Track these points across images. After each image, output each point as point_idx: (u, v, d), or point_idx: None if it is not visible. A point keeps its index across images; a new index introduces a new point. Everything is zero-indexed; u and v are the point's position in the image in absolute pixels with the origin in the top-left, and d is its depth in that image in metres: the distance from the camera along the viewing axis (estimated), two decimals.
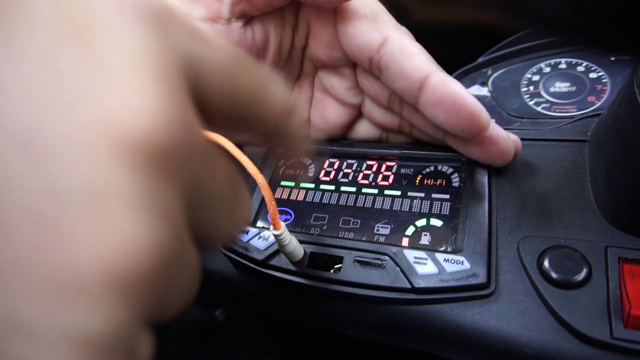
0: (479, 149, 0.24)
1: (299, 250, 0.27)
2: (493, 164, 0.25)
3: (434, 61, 0.24)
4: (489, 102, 0.35)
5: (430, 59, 0.24)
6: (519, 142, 0.26)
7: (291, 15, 0.27)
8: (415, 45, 0.24)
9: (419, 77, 0.23)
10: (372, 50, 0.24)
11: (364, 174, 0.31)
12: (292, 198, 0.31)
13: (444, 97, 0.22)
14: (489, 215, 0.26)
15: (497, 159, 0.24)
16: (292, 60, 0.30)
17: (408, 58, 0.23)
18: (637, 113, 0.22)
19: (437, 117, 0.23)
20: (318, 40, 0.27)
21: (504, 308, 0.24)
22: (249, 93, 0.14)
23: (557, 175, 0.28)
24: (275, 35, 0.27)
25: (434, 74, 0.23)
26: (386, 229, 0.27)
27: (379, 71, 0.25)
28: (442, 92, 0.22)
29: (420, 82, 0.23)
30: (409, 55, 0.23)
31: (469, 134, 0.23)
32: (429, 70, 0.23)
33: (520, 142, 0.27)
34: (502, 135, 0.24)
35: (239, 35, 0.26)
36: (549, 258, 0.24)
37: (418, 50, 0.24)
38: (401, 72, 0.23)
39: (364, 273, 0.26)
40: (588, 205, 0.26)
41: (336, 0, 0.23)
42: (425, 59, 0.23)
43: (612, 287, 0.22)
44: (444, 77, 0.23)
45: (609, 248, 0.24)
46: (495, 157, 0.24)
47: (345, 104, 0.30)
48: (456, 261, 0.24)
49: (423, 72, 0.23)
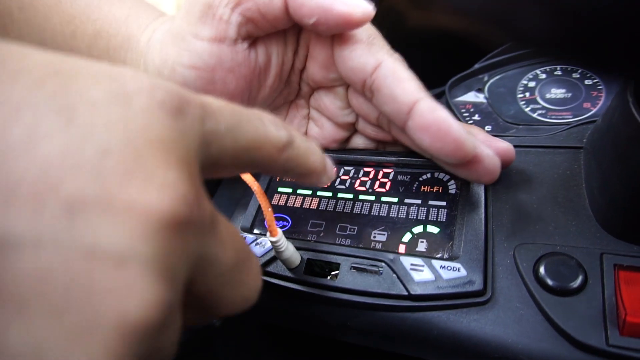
0: (465, 168, 0.25)
1: (296, 257, 0.27)
2: (479, 182, 0.25)
3: (423, 88, 0.24)
4: (485, 109, 0.35)
5: (420, 86, 0.24)
6: (511, 150, 0.26)
7: (293, 37, 0.28)
8: (407, 72, 0.25)
9: (408, 102, 0.24)
10: (366, 74, 0.25)
11: (361, 180, 0.31)
12: (289, 204, 0.31)
13: (430, 123, 0.23)
14: (485, 222, 0.26)
15: (483, 177, 0.25)
16: (291, 83, 0.31)
17: (399, 83, 0.24)
18: (630, 121, 0.22)
19: (423, 142, 0.24)
20: (315, 61, 0.28)
21: (501, 315, 0.24)
22: (252, 140, 0.17)
23: (553, 182, 0.28)
24: (277, 57, 0.28)
25: (422, 100, 0.23)
26: (383, 236, 0.27)
27: (371, 93, 0.26)
28: (428, 117, 0.23)
29: (409, 106, 0.23)
30: (400, 80, 0.24)
31: (453, 160, 0.23)
32: (418, 96, 0.24)
33: (513, 150, 0.27)
34: (488, 154, 0.24)
35: (243, 56, 0.26)
36: (544, 265, 0.24)
37: (409, 76, 0.24)
38: (391, 95, 0.24)
39: (361, 280, 0.26)
40: (584, 212, 0.26)
41: (335, 29, 0.24)
42: (415, 85, 0.24)
43: (608, 294, 0.22)
44: (432, 103, 0.23)
45: (605, 255, 0.24)
46: (481, 175, 0.25)
47: (340, 123, 0.31)
48: (452, 268, 0.24)
49: (412, 97, 0.24)
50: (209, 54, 0.26)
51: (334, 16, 0.24)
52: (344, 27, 0.24)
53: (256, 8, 0.25)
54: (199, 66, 0.26)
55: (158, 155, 0.12)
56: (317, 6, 0.23)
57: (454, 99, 0.37)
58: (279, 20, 0.25)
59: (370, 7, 0.24)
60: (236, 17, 0.25)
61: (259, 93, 0.29)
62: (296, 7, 0.24)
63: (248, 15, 0.25)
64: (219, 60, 0.26)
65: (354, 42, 0.25)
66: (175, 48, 0.26)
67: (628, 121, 0.22)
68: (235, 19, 0.25)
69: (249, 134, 0.17)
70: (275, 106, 0.32)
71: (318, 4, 0.24)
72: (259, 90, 0.29)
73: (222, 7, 0.25)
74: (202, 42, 0.25)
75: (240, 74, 0.27)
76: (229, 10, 0.25)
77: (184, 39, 0.26)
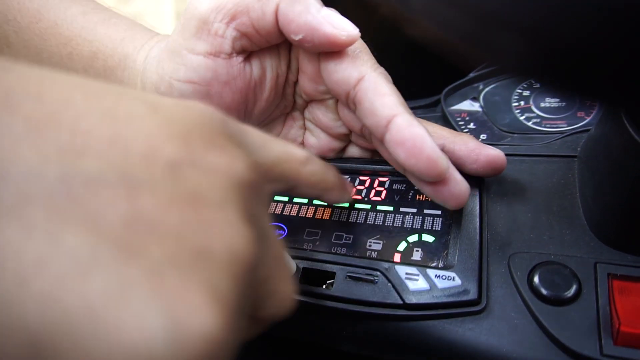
0: (433, 188, 0.25)
1: (292, 266, 0.27)
2: (445, 205, 0.25)
3: (404, 103, 0.25)
4: (480, 117, 0.35)
5: (400, 101, 0.25)
6: (502, 157, 0.26)
7: (285, 52, 0.29)
8: (388, 86, 0.25)
9: (387, 115, 0.24)
10: (349, 86, 0.26)
11: (357, 189, 0.31)
12: (285, 213, 0.31)
13: (406, 138, 0.23)
14: (480, 231, 0.26)
15: (449, 200, 0.24)
16: (286, 96, 0.31)
17: (380, 97, 0.24)
18: (622, 130, 0.22)
19: (398, 156, 0.24)
20: (305, 74, 0.29)
21: (495, 324, 0.24)
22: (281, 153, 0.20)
23: (548, 191, 0.28)
24: (271, 70, 0.29)
25: (401, 115, 0.24)
26: (378, 245, 0.27)
27: (354, 106, 0.26)
28: (404, 132, 0.23)
29: (388, 120, 0.24)
30: (381, 95, 0.25)
31: (425, 177, 0.24)
32: (397, 110, 0.24)
33: (504, 157, 0.26)
34: (456, 178, 0.24)
35: (238, 70, 0.27)
36: (539, 274, 0.24)
37: (390, 91, 0.25)
38: (372, 109, 0.25)
39: (356, 289, 0.26)
40: (578, 221, 0.26)
41: (320, 47, 0.25)
42: (395, 100, 0.24)
43: (602, 303, 0.22)
44: (410, 119, 0.24)
45: (599, 264, 0.24)
46: (446, 198, 0.25)
47: (334, 134, 0.32)
48: (447, 277, 0.24)
49: (391, 111, 0.24)
50: (205, 68, 0.26)
51: (320, 36, 0.24)
52: (328, 47, 0.25)
53: (250, 23, 0.25)
54: (196, 80, 0.26)
55: (222, 138, 0.16)
56: (305, 24, 0.24)
57: (450, 108, 0.37)
58: (271, 35, 0.26)
59: (356, 32, 0.25)
60: (231, 32, 0.26)
61: (255, 106, 0.29)
62: (285, 23, 0.25)
63: (242, 30, 0.26)
64: (215, 74, 0.26)
65: (339, 55, 0.26)
66: (171, 63, 0.27)
67: (620, 131, 0.22)
68: (230, 33, 0.26)
69: (277, 148, 0.20)
70: (272, 118, 0.32)
71: (306, 22, 0.24)
72: (254, 103, 0.29)
73: (217, 22, 0.25)
74: (198, 56, 0.26)
75: (236, 87, 0.27)
76: (224, 25, 0.25)
77: (180, 54, 0.26)
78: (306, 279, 0.27)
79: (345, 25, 0.25)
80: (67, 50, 0.31)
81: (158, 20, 1.97)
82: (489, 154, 0.26)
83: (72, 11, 0.31)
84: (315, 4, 0.25)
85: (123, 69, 0.30)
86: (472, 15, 0.09)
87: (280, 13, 0.25)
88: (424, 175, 0.24)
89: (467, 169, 0.27)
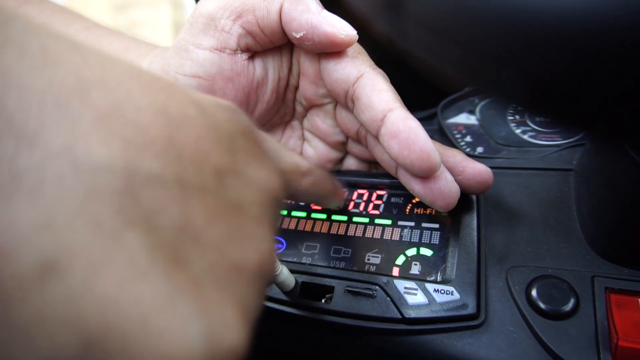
0: (421, 183, 0.25)
1: (291, 280, 0.27)
2: (434, 206, 0.25)
3: (400, 100, 0.26)
4: (477, 130, 0.36)
5: (396, 97, 0.26)
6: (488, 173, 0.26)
7: (287, 54, 0.30)
8: (386, 84, 0.26)
9: (383, 109, 0.25)
10: (348, 84, 0.27)
11: (355, 202, 0.31)
12: (283, 226, 0.31)
13: (400, 130, 0.24)
14: (478, 244, 0.26)
15: (437, 199, 0.25)
16: (286, 101, 0.32)
17: (377, 92, 0.25)
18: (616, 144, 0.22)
19: (392, 149, 0.24)
20: (305, 77, 0.30)
21: (494, 339, 0.24)
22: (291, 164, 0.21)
23: (544, 204, 0.28)
24: (273, 72, 0.30)
25: (396, 109, 0.25)
26: (377, 259, 0.28)
27: (352, 103, 0.27)
28: (399, 125, 0.24)
29: (383, 114, 0.25)
30: (378, 91, 0.25)
31: (417, 171, 0.24)
32: (393, 105, 0.25)
33: (490, 173, 0.26)
34: (447, 177, 0.25)
35: (242, 67, 0.28)
36: (537, 288, 0.24)
37: (387, 88, 0.26)
38: (369, 103, 0.25)
39: (355, 303, 0.26)
40: (574, 234, 0.26)
41: (319, 46, 0.26)
42: (392, 96, 0.25)
43: (600, 317, 0.22)
44: (405, 113, 0.25)
45: (596, 278, 0.24)
46: (435, 197, 0.25)
47: (331, 142, 0.32)
48: (446, 291, 0.25)
49: (387, 105, 0.25)
50: (210, 63, 0.27)
51: (320, 35, 0.25)
52: (328, 46, 0.26)
53: (255, 21, 0.27)
54: (200, 74, 0.27)
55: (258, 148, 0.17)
56: (306, 22, 0.25)
57: (446, 121, 0.37)
58: (275, 35, 0.27)
59: (354, 32, 0.26)
60: (237, 29, 0.27)
61: (256, 107, 0.30)
62: (287, 21, 0.26)
63: (248, 27, 0.27)
64: (219, 69, 0.27)
65: (339, 55, 0.27)
66: (177, 58, 0.28)
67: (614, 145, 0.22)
68: (236, 30, 0.27)
69: (288, 159, 0.21)
70: (272, 125, 0.33)
71: (307, 20, 0.25)
72: (256, 104, 0.30)
73: (224, 19, 0.27)
74: (204, 51, 0.27)
75: (239, 84, 0.28)
76: (231, 22, 0.27)
77: (187, 49, 0.27)
78: (305, 293, 0.27)
79: (344, 25, 0.26)
80: None
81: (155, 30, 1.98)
82: (475, 167, 0.26)
83: (75, 27, 0.32)
84: (317, 6, 0.26)
85: None
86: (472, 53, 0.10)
87: (284, 12, 0.26)
88: (416, 168, 0.24)
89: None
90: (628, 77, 0.08)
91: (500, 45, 0.09)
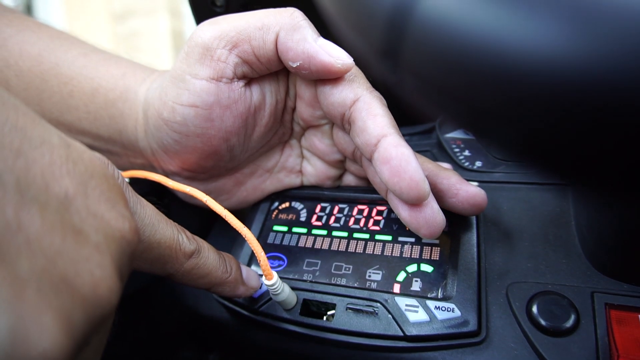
0: (408, 210, 0.25)
1: (292, 298, 0.27)
2: (418, 233, 0.25)
3: (395, 125, 0.26)
4: (475, 145, 0.36)
5: (392, 123, 0.26)
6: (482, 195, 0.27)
7: (284, 79, 0.30)
8: (382, 108, 0.26)
9: (377, 134, 0.25)
10: (345, 107, 0.27)
11: (355, 218, 0.31)
12: (284, 243, 0.31)
13: (392, 157, 0.24)
14: (478, 260, 0.27)
15: (422, 227, 0.25)
16: (284, 123, 0.32)
17: (372, 117, 0.26)
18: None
19: (383, 174, 0.25)
20: (302, 100, 0.30)
21: (496, 356, 0.24)
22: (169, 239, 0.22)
23: (543, 219, 0.28)
24: (270, 96, 0.30)
25: (390, 135, 0.25)
26: (378, 275, 0.28)
27: (349, 126, 0.27)
28: (391, 152, 0.24)
29: (377, 139, 0.25)
30: (374, 115, 0.26)
31: (406, 198, 0.24)
32: (387, 131, 0.25)
33: (484, 195, 0.27)
34: (433, 207, 0.25)
35: (239, 94, 0.28)
36: (537, 304, 0.24)
37: (382, 112, 0.26)
38: (364, 127, 0.26)
39: (357, 321, 0.26)
40: (574, 250, 0.26)
41: (316, 75, 0.26)
42: (387, 121, 0.26)
43: (600, 334, 0.23)
44: (399, 140, 0.25)
45: (595, 294, 0.24)
46: (420, 225, 0.25)
47: (329, 161, 0.33)
48: (447, 308, 0.25)
49: (382, 131, 0.25)
50: (207, 92, 0.27)
51: (316, 64, 0.25)
52: (324, 74, 0.26)
53: (251, 50, 0.27)
54: (198, 104, 0.27)
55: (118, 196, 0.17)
56: (303, 52, 0.25)
57: (445, 135, 0.38)
58: (271, 62, 0.27)
59: (351, 61, 0.26)
60: (233, 58, 0.27)
61: (254, 131, 0.30)
62: (284, 51, 0.26)
63: (244, 57, 0.27)
64: (216, 98, 0.27)
65: (336, 80, 0.27)
66: (175, 88, 0.28)
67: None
68: (232, 59, 0.27)
69: (165, 233, 0.22)
70: (271, 146, 0.33)
71: (304, 50, 0.25)
72: (254, 128, 0.30)
73: (220, 49, 0.27)
74: (201, 81, 0.27)
75: (237, 111, 0.28)
76: (227, 52, 0.27)
77: (184, 79, 0.27)
78: (306, 310, 0.27)
79: (341, 54, 0.26)
80: (68, 88, 0.32)
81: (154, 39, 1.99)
82: (469, 190, 0.26)
83: (72, 53, 0.32)
84: (313, 34, 0.26)
85: (124, 101, 0.31)
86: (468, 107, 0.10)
87: (280, 41, 0.26)
88: (405, 195, 0.24)
89: (447, 202, 0.27)
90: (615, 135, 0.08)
91: (495, 102, 0.09)
